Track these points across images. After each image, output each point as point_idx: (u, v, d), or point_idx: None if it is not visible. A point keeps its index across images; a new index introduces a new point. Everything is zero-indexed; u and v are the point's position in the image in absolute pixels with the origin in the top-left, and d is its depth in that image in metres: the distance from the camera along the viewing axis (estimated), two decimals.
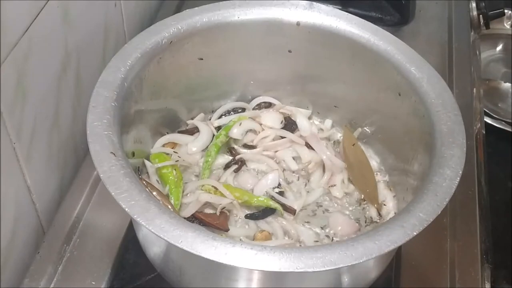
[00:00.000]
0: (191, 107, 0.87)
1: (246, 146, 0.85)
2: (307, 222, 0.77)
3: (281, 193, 0.78)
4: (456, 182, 0.62)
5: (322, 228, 0.77)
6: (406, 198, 0.75)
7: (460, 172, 0.63)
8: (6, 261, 0.72)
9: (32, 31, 0.67)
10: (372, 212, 0.79)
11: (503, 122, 1.16)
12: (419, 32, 1.11)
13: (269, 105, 0.89)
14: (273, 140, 0.85)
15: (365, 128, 0.85)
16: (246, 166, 0.82)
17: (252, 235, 0.75)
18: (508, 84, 1.25)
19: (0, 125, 0.65)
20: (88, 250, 0.76)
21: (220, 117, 0.88)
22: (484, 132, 0.97)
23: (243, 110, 0.88)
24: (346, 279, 0.66)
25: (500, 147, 1.13)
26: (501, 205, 1.03)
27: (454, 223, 0.81)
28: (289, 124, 0.87)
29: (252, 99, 0.89)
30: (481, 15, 1.19)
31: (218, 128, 0.85)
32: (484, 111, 1.09)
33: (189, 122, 0.86)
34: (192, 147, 0.82)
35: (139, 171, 0.77)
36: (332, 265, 0.54)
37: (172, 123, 0.85)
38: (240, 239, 0.73)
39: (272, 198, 0.77)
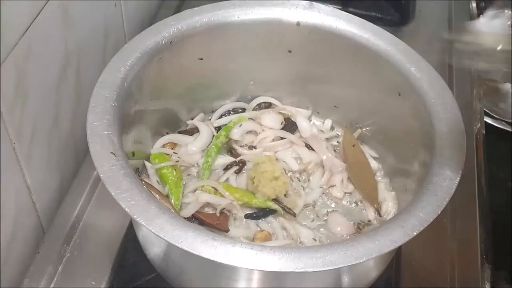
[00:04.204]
0: (191, 107, 0.87)
1: (246, 146, 0.85)
2: (307, 222, 0.77)
3: None
4: (456, 182, 0.62)
5: (321, 228, 0.77)
6: (406, 198, 0.75)
7: (460, 172, 0.63)
8: (6, 261, 0.72)
9: (32, 31, 0.67)
10: (372, 212, 0.79)
11: (503, 122, 1.16)
12: (419, 32, 1.11)
13: (269, 105, 0.89)
14: (273, 140, 0.85)
15: (365, 128, 0.85)
16: (247, 166, 0.82)
17: (252, 235, 0.75)
18: (508, 84, 1.25)
19: (0, 125, 0.65)
20: (88, 250, 0.76)
21: (220, 117, 0.88)
22: (484, 132, 0.97)
23: (243, 110, 0.88)
24: (346, 279, 0.66)
25: (500, 147, 1.12)
26: (501, 205, 1.03)
27: (454, 223, 0.81)
28: (289, 125, 0.87)
29: (252, 99, 0.89)
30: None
31: (218, 128, 0.85)
32: (484, 111, 1.09)
33: (189, 122, 0.86)
34: (192, 147, 0.82)
35: (139, 171, 0.77)
36: (332, 265, 0.54)
37: (172, 123, 0.85)
38: (240, 239, 0.73)
39: (272, 199, 0.77)
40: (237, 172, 0.81)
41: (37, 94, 0.72)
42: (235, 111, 0.88)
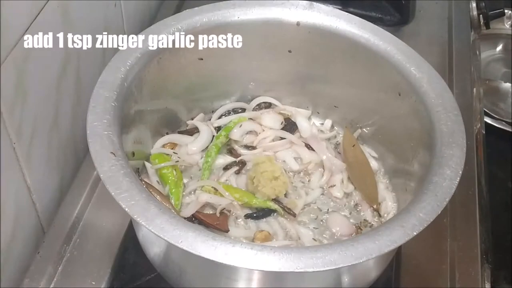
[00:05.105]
0: (191, 107, 0.87)
1: (246, 146, 0.85)
2: (307, 222, 0.77)
3: None
4: (456, 182, 0.62)
5: (321, 228, 0.77)
6: (406, 198, 0.75)
7: (460, 172, 0.63)
8: (6, 261, 0.72)
9: (32, 31, 0.67)
10: (371, 212, 0.79)
11: (503, 122, 1.16)
12: (419, 32, 1.11)
13: (269, 105, 0.89)
14: (273, 140, 0.85)
15: (365, 128, 0.85)
16: (246, 166, 0.82)
17: (252, 235, 0.74)
18: (508, 84, 1.25)
19: (0, 125, 0.65)
20: (88, 250, 0.76)
21: (220, 117, 0.88)
22: (484, 132, 0.97)
23: (243, 110, 0.88)
24: (346, 279, 0.66)
25: (500, 147, 1.13)
26: (501, 205, 1.03)
27: (454, 223, 0.81)
28: (289, 125, 0.87)
29: (252, 99, 0.89)
30: (481, 15, 1.19)
31: (218, 129, 0.85)
32: (484, 111, 1.09)
33: (189, 122, 0.86)
34: (192, 148, 0.82)
35: (139, 171, 0.77)
36: (332, 265, 0.54)
37: (172, 123, 0.85)
38: (240, 240, 0.73)
39: (272, 199, 0.77)
40: (237, 172, 0.81)
41: (37, 94, 0.72)
42: (235, 111, 0.88)
